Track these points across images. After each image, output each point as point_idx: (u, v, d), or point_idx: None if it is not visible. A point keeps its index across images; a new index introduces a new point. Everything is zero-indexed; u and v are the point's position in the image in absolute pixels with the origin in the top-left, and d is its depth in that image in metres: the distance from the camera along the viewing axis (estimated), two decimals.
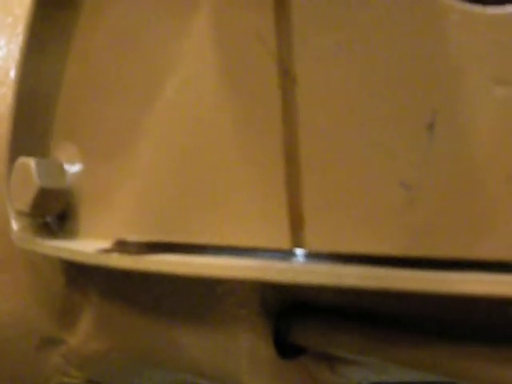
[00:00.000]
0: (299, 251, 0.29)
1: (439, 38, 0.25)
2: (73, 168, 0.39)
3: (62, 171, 0.39)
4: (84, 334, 0.46)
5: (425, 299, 0.32)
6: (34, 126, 0.42)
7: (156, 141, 0.35)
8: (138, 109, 0.36)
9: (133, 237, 0.34)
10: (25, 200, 0.38)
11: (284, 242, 0.29)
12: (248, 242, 0.31)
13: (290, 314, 0.37)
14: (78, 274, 0.44)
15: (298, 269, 0.29)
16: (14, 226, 0.41)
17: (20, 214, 0.40)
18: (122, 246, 0.34)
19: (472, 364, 0.30)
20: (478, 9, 0.24)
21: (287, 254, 0.29)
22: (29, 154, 0.40)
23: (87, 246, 0.36)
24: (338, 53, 0.28)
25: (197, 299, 0.38)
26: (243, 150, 0.31)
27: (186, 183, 0.33)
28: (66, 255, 0.37)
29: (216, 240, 0.32)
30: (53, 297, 0.46)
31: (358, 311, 0.35)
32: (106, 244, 0.35)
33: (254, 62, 0.30)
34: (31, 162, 0.38)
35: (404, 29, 0.26)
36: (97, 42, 0.39)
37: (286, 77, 0.29)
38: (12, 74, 0.47)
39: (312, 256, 0.29)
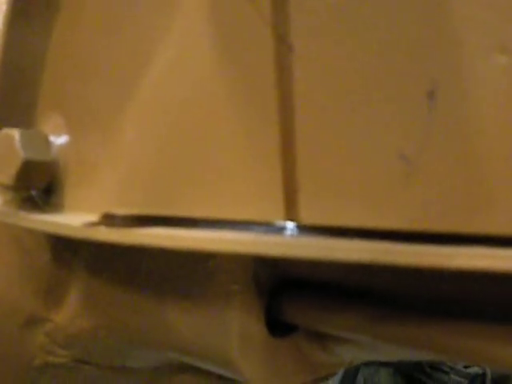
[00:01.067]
0: (292, 225, 0.28)
1: (441, 5, 0.24)
2: (58, 140, 0.38)
3: (47, 143, 0.38)
4: (70, 311, 0.45)
5: (418, 276, 0.31)
6: (18, 97, 0.40)
7: (146, 112, 0.34)
8: (128, 80, 0.35)
9: (120, 210, 0.33)
10: (8, 172, 0.37)
11: (277, 216, 0.29)
12: (240, 216, 0.30)
13: (282, 292, 0.37)
14: (64, 249, 0.44)
15: (291, 242, 0.28)
16: None
17: (3, 187, 0.39)
18: (109, 220, 0.33)
19: (464, 341, 0.29)
20: None
21: (280, 228, 0.28)
22: (13, 125, 0.39)
23: (73, 219, 0.35)
24: (336, 19, 0.27)
25: (187, 275, 0.37)
26: (236, 120, 0.30)
27: (176, 155, 0.32)
28: (51, 229, 0.36)
29: (207, 213, 0.31)
30: (38, 274, 0.45)
31: (351, 288, 0.35)
32: (93, 218, 0.34)
33: (247, 30, 0.29)
34: (15, 134, 0.37)
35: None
36: (84, 14, 0.37)
37: (282, 44, 0.28)
38: None
39: (305, 230, 0.28)
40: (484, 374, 1.65)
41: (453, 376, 1.66)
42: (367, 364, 1.68)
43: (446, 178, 0.25)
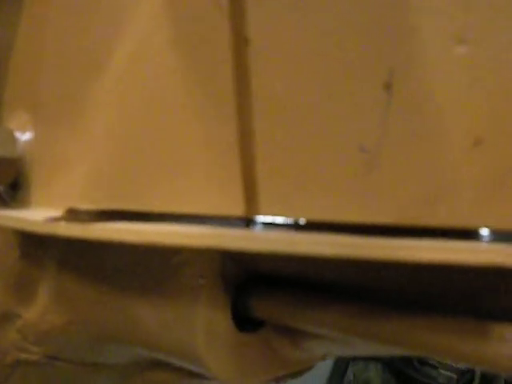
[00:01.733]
0: (254, 218, 0.28)
1: None
2: (24, 136, 0.38)
3: (13, 139, 0.38)
4: (41, 308, 0.45)
5: (384, 270, 0.31)
6: None
7: (108, 108, 0.34)
8: (90, 76, 0.35)
9: (84, 205, 0.33)
10: None
11: (238, 210, 0.28)
12: (202, 210, 0.29)
13: (249, 287, 0.36)
14: (34, 246, 0.43)
15: (252, 236, 0.28)
16: None
17: None
18: (72, 215, 0.33)
19: (432, 336, 0.29)
20: None
21: (242, 222, 0.28)
22: None
23: (37, 214, 0.34)
24: (291, 12, 0.26)
25: (153, 271, 0.37)
26: (195, 115, 0.30)
27: (138, 151, 0.32)
28: (15, 224, 0.36)
29: (169, 208, 0.30)
30: (7, 271, 0.45)
31: (317, 283, 0.34)
32: (58, 213, 0.34)
33: (205, 22, 0.29)
34: None
35: None
36: (48, 11, 0.37)
37: (239, 38, 0.28)
38: None
39: (267, 223, 0.28)
40: (473, 369, 1.65)
41: (442, 371, 1.66)
42: (356, 360, 1.68)
43: (404, 169, 0.25)
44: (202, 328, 0.36)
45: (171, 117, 0.30)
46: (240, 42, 0.28)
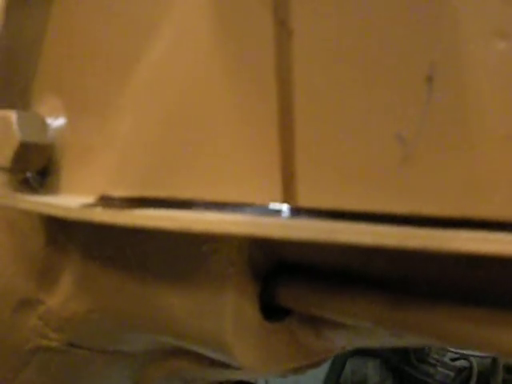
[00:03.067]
0: (290, 207, 0.29)
1: None
2: (55, 122, 0.38)
3: (44, 125, 0.38)
4: (64, 294, 0.45)
5: (415, 261, 0.31)
6: (15, 79, 0.40)
7: (143, 95, 0.34)
8: (126, 63, 0.35)
9: (116, 192, 0.34)
10: (5, 154, 0.37)
11: (275, 198, 0.29)
12: (237, 198, 0.30)
13: (277, 276, 0.37)
14: (59, 232, 0.44)
15: (288, 224, 0.28)
16: None
17: (0, 169, 0.39)
18: (106, 201, 0.33)
19: (459, 326, 0.29)
20: None
21: (278, 210, 0.29)
22: (10, 106, 0.39)
23: (70, 201, 0.35)
24: (334, 5, 0.27)
25: (181, 258, 0.38)
26: (235, 103, 0.30)
27: (173, 138, 0.32)
28: (48, 210, 0.36)
29: (203, 195, 0.31)
30: (32, 257, 0.46)
31: (345, 273, 0.35)
32: (89, 199, 0.34)
33: (248, 13, 0.29)
34: (12, 115, 0.37)
35: None
36: None
37: (282, 28, 0.28)
38: None
39: (303, 212, 0.28)
40: (470, 367, 1.66)
41: (440, 368, 1.68)
42: (355, 356, 1.69)
43: (442, 161, 0.25)
44: (230, 316, 0.36)
45: (209, 105, 0.31)
46: (283, 33, 0.28)
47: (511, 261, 0.23)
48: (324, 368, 1.66)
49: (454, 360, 1.69)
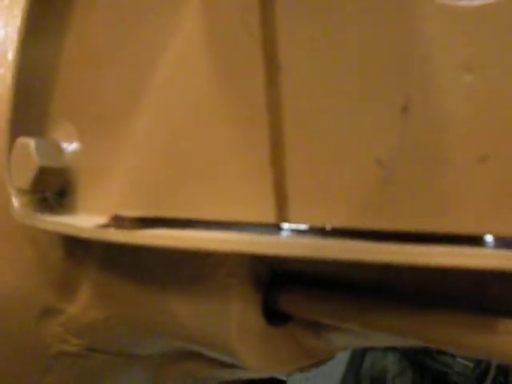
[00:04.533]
0: (284, 226, 0.31)
1: (413, 28, 0.27)
2: (70, 147, 0.41)
3: (60, 150, 0.41)
4: (82, 303, 0.48)
5: (401, 270, 0.34)
6: (31, 107, 0.43)
7: (150, 119, 0.36)
8: (133, 88, 0.37)
9: (127, 212, 0.36)
10: (25, 178, 0.40)
11: (270, 217, 0.31)
12: (236, 217, 0.32)
13: (278, 284, 0.39)
14: (76, 247, 0.46)
15: (283, 242, 0.31)
16: (15, 202, 0.43)
17: (20, 191, 0.42)
18: (117, 221, 0.36)
19: (447, 330, 0.32)
20: (450, 1, 0.26)
21: (273, 229, 0.31)
22: (27, 133, 0.42)
23: (85, 221, 0.37)
24: (318, 42, 0.29)
25: (189, 270, 0.40)
26: (231, 132, 0.32)
27: (177, 161, 0.35)
28: (64, 230, 0.39)
29: (206, 215, 0.33)
30: (52, 269, 0.48)
31: (341, 281, 0.37)
32: (103, 219, 0.37)
33: (240, 49, 0.32)
34: (31, 142, 0.40)
35: (380, 19, 0.28)
36: (93, 23, 0.40)
37: (271, 64, 0.31)
38: (10, 55, 0.49)
39: (296, 230, 0.31)
40: None
41: (459, 359, 1.67)
42: (374, 349, 1.69)
43: (418, 181, 0.27)
44: (234, 322, 0.39)
45: (209, 132, 0.33)
46: (272, 67, 0.31)
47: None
48: (343, 361, 1.67)
49: None
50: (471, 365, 1.68)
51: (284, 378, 1.80)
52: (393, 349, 1.72)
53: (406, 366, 1.73)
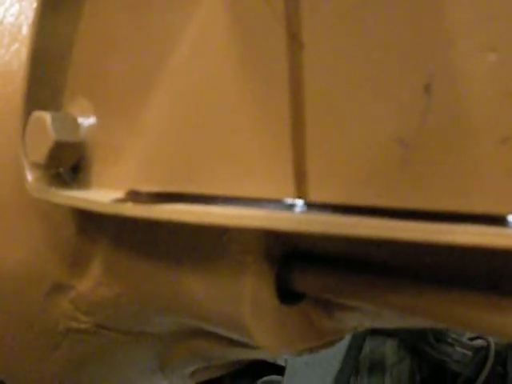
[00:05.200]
0: (302, 202, 0.31)
1: (437, 7, 0.27)
2: (86, 121, 0.41)
3: (76, 125, 0.41)
4: (93, 280, 0.48)
5: (417, 248, 0.34)
6: (47, 81, 0.43)
7: (169, 94, 0.36)
8: (152, 63, 0.37)
9: (144, 187, 0.36)
10: (40, 152, 0.40)
11: (288, 194, 0.31)
12: (254, 194, 0.32)
13: (291, 262, 0.40)
14: (89, 223, 0.46)
15: (300, 218, 0.31)
16: (29, 177, 0.43)
17: (34, 165, 0.42)
18: (134, 196, 0.36)
19: (462, 309, 0.32)
20: None
21: (291, 205, 0.31)
22: (43, 108, 0.42)
23: (101, 196, 0.37)
24: (342, 20, 0.29)
25: (203, 246, 0.40)
26: (252, 107, 0.33)
27: (195, 137, 0.35)
28: (81, 205, 0.39)
29: (224, 191, 0.33)
30: (63, 245, 0.48)
31: (354, 259, 0.37)
32: (118, 194, 0.37)
33: (262, 27, 0.32)
34: (47, 116, 0.40)
35: (403, 1, 0.28)
36: (111, 2, 0.40)
37: (294, 42, 0.31)
38: (24, 30, 0.48)
39: (313, 207, 0.31)
40: (488, 347, 1.66)
41: (457, 348, 1.68)
42: (373, 335, 1.69)
43: (439, 160, 0.27)
44: (248, 300, 0.39)
45: (228, 107, 0.33)
46: (295, 45, 0.31)
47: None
48: (343, 347, 1.67)
49: (471, 339, 1.69)
50: (470, 354, 1.68)
51: (283, 364, 1.81)
52: (392, 336, 1.72)
53: (404, 354, 1.74)
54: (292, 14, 0.30)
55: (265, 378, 1.94)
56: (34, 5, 0.44)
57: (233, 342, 0.46)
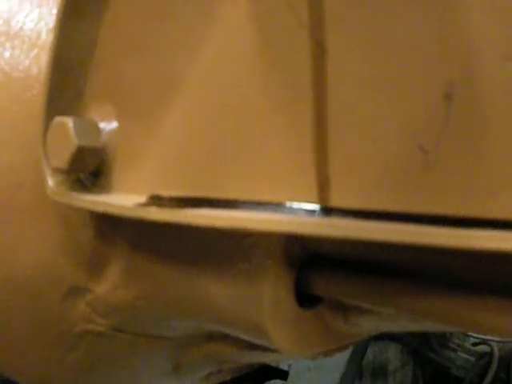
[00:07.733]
0: (325, 207, 0.32)
1: (457, 16, 0.28)
2: (108, 126, 0.41)
3: (98, 130, 0.41)
4: (111, 283, 0.48)
5: (436, 253, 0.34)
6: (68, 86, 0.43)
7: (191, 99, 0.37)
8: (174, 69, 0.38)
9: (165, 192, 0.37)
10: (62, 158, 0.40)
11: (311, 199, 0.32)
12: (277, 198, 0.33)
13: (310, 267, 0.40)
14: (107, 227, 0.47)
15: (324, 223, 0.31)
16: (50, 181, 0.43)
17: (56, 170, 0.42)
18: (157, 201, 0.36)
19: (480, 314, 0.32)
20: None
21: (313, 210, 0.32)
22: (63, 113, 0.42)
23: (122, 200, 0.38)
24: (364, 26, 0.30)
25: (224, 250, 0.41)
26: (275, 112, 0.33)
27: (217, 142, 0.35)
28: (104, 209, 0.39)
29: (246, 196, 0.34)
30: (82, 249, 0.48)
31: (372, 264, 0.38)
32: (140, 199, 0.37)
33: (286, 33, 0.32)
34: (69, 121, 0.40)
35: (426, 7, 0.28)
36: (131, 6, 0.40)
37: (318, 47, 0.31)
38: (43, 36, 0.49)
39: (336, 212, 0.31)
40: (491, 353, 1.67)
41: (460, 354, 1.68)
42: (376, 340, 1.70)
43: (459, 168, 0.28)
44: (267, 303, 0.39)
45: (251, 114, 0.34)
46: (319, 51, 0.31)
47: None
48: (346, 352, 1.68)
49: (475, 345, 1.70)
50: (473, 359, 1.68)
51: (286, 369, 1.81)
52: (395, 341, 1.72)
53: (407, 359, 1.74)
54: (316, 21, 0.31)
55: (268, 383, 1.94)
56: (54, 11, 0.45)
57: (250, 345, 0.46)
